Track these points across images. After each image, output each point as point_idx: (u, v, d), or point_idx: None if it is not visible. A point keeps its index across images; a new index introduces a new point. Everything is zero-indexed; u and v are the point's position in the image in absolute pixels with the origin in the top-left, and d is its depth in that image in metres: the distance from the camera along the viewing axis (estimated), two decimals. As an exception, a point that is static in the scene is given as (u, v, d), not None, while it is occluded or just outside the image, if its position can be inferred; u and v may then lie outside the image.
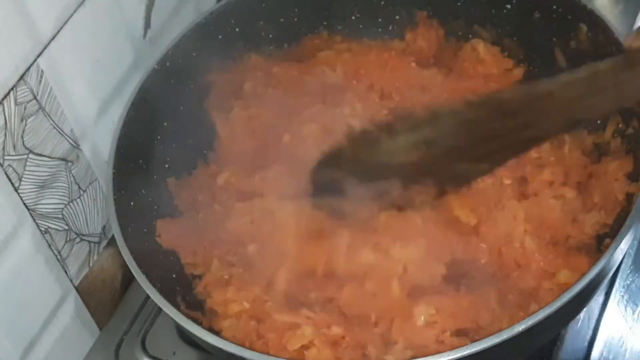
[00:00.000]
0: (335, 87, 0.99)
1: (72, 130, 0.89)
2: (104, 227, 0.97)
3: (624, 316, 0.90)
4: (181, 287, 0.88)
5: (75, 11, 0.86)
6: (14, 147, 0.81)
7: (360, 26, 1.04)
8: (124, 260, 0.82)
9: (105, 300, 0.99)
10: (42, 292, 0.89)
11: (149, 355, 0.94)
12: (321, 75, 1.00)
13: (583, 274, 0.74)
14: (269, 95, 0.98)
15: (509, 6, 0.97)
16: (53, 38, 0.83)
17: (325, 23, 1.04)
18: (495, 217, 0.86)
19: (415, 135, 0.79)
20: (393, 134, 0.80)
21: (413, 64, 1.01)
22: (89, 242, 0.95)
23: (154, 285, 0.80)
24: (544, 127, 0.77)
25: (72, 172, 0.90)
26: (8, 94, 0.79)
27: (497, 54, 0.99)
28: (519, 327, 0.72)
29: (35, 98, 0.82)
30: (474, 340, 0.73)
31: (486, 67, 0.99)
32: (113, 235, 0.84)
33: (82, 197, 0.92)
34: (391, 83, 0.99)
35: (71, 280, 0.93)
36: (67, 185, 0.89)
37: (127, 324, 0.98)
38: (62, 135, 0.87)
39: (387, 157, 0.81)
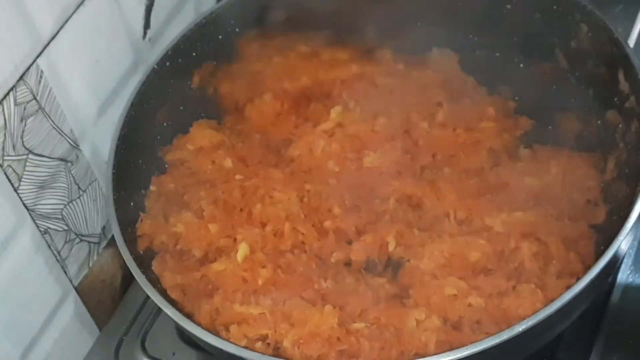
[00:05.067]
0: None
1: (71, 130, 0.89)
2: (104, 227, 0.96)
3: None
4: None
5: (75, 11, 0.86)
6: (14, 147, 0.81)
7: (361, 27, 1.04)
8: (123, 261, 0.82)
9: (105, 300, 0.99)
10: (42, 293, 0.89)
11: (149, 356, 0.94)
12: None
13: (584, 274, 0.75)
14: None
15: (509, 6, 0.97)
16: (53, 38, 0.83)
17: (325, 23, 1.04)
18: None
19: None
20: None
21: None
22: (89, 242, 0.95)
23: (154, 286, 0.80)
24: None
25: (72, 172, 0.90)
26: (8, 94, 0.79)
27: None
28: (519, 327, 0.72)
29: (34, 98, 0.82)
30: (473, 341, 0.73)
31: None
32: (113, 236, 0.84)
33: (81, 198, 0.92)
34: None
35: (71, 281, 0.93)
36: (66, 186, 0.89)
37: (127, 324, 0.98)
38: (62, 135, 0.87)
39: None
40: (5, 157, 0.80)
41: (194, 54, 0.97)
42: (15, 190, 0.82)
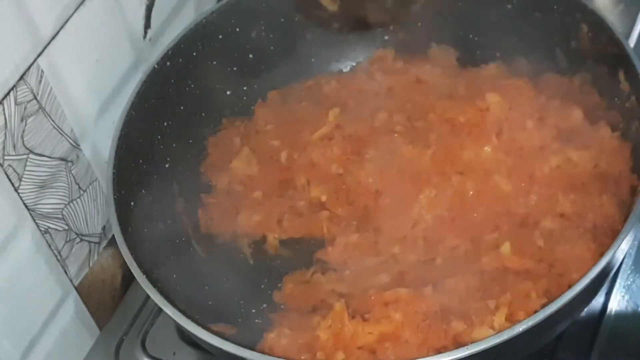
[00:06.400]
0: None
1: (72, 130, 0.89)
2: (104, 227, 0.97)
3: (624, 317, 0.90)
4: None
5: (75, 11, 0.86)
6: (14, 147, 0.81)
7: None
8: (124, 260, 0.82)
9: (105, 300, 0.99)
10: (42, 292, 0.89)
11: (149, 356, 0.94)
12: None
13: (584, 274, 0.75)
14: None
15: (509, 6, 0.97)
16: (53, 38, 0.83)
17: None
18: None
19: None
20: None
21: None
22: (89, 242, 0.95)
23: (154, 285, 0.80)
24: None
25: (72, 172, 0.90)
26: (8, 93, 0.79)
27: None
28: (519, 327, 0.72)
29: (35, 98, 0.82)
30: (473, 341, 0.73)
31: None
32: (113, 235, 0.84)
33: (82, 197, 0.92)
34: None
35: (71, 281, 0.93)
36: (67, 185, 0.89)
37: (127, 324, 0.98)
38: (62, 135, 0.87)
39: None
40: (6, 157, 0.80)
41: (194, 54, 0.97)
42: (16, 189, 0.82)
